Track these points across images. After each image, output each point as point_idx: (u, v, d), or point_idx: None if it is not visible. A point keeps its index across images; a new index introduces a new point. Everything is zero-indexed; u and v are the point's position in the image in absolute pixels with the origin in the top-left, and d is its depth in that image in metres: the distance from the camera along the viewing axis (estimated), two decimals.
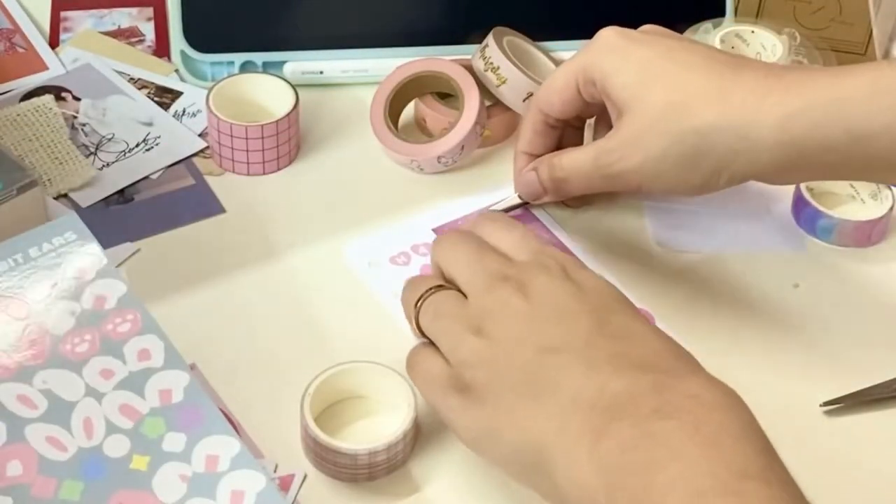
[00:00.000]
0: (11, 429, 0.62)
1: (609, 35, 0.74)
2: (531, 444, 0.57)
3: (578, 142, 0.82)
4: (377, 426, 0.70)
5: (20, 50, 0.96)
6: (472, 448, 0.61)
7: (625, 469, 0.53)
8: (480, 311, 0.61)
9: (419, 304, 0.64)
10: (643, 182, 0.72)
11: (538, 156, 0.79)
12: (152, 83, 0.93)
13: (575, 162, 0.75)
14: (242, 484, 0.62)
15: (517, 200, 0.82)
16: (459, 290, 0.64)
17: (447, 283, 0.65)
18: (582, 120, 0.81)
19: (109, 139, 0.88)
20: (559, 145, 0.80)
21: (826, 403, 0.73)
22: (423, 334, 0.65)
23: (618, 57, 0.73)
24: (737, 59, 0.71)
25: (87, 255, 0.68)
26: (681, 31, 0.94)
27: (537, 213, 0.84)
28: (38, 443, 0.61)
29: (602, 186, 0.76)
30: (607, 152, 0.73)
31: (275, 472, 0.68)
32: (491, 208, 0.83)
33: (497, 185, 0.86)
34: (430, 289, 0.65)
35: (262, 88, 0.88)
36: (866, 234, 0.82)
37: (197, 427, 0.64)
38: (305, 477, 0.68)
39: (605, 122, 0.78)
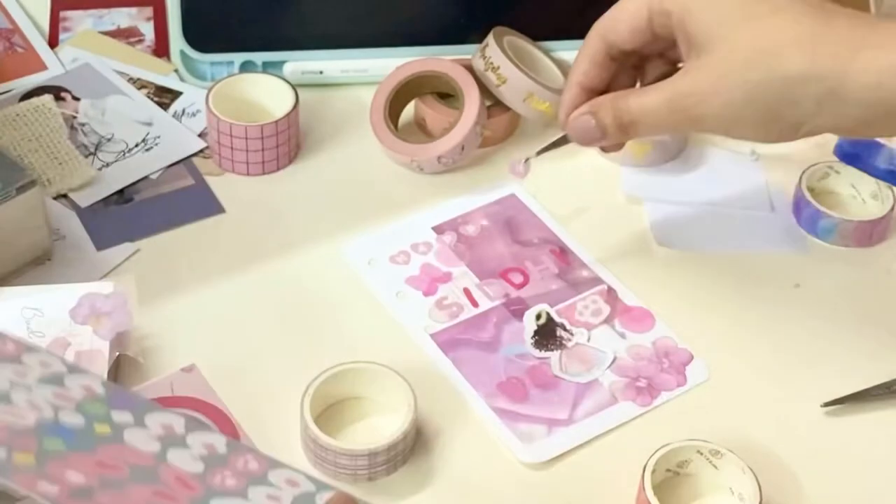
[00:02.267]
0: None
1: None
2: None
3: (631, 83, 0.75)
4: (377, 426, 0.70)
5: (19, 50, 0.95)
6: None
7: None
8: None
9: None
10: (718, 128, 0.68)
11: (592, 90, 0.73)
12: (152, 83, 0.93)
13: (646, 105, 0.69)
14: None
15: (556, 138, 0.77)
16: None
17: None
18: (641, 58, 0.74)
19: (109, 139, 0.88)
20: (611, 85, 0.74)
21: (827, 404, 0.72)
22: None
23: None
24: (826, 5, 0.67)
25: None
26: None
27: (538, 211, 0.84)
28: None
29: (673, 130, 0.74)
30: (684, 95, 0.68)
31: None
32: (537, 151, 0.79)
33: (497, 185, 0.86)
34: None
35: (262, 88, 0.88)
36: (867, 234, 0.82)
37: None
38: None
39: (662, 61, 0.74)
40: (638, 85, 0.75)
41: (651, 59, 0.74)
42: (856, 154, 0.84)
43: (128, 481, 0.56)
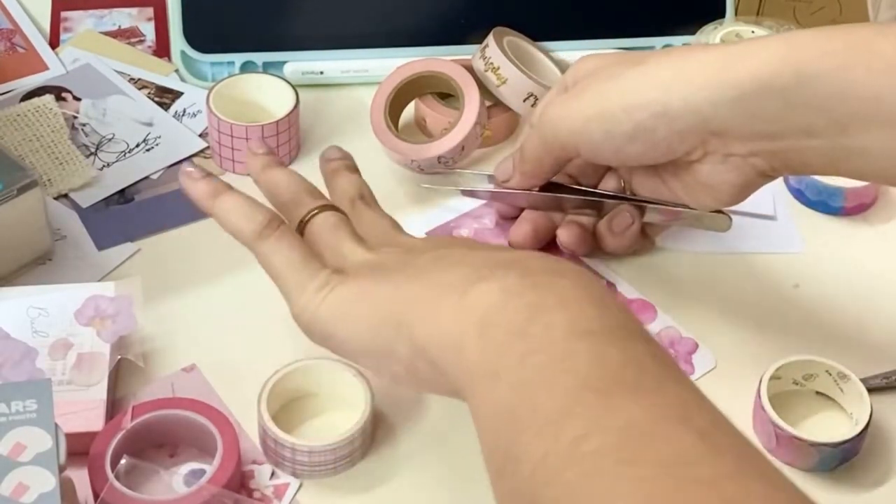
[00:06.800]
0: None
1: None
2: (396, 306, 0.57)
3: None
4: (332, 422, 0.70)
5: (20, 50, 0.96)
6: (323, 321, 0.61)
7: (505, 308, 0.52)
8: (377, 243, 0.65)
9: (318, 211, 0.66)
10: (576, 130, 0.71)
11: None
12: (152, 83, 0.93)
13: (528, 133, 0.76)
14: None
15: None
16: None
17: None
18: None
19: (110, 139, 0.88)
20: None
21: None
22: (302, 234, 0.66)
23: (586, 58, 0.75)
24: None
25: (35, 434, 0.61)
26: (682, 32, 0.95)
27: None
28: None
29: (544, 150, 0.74)
30: (549, 103, 0.73)
31: (270, 478, 0.68)
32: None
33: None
34: (335, 209, 0.67)
35: (262, 88, 0.88)
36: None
37: None
38: (301, 486, 0.68)
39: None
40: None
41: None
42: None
43: None
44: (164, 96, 0.92)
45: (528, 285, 0.53)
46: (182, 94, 0.92)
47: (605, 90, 0.70)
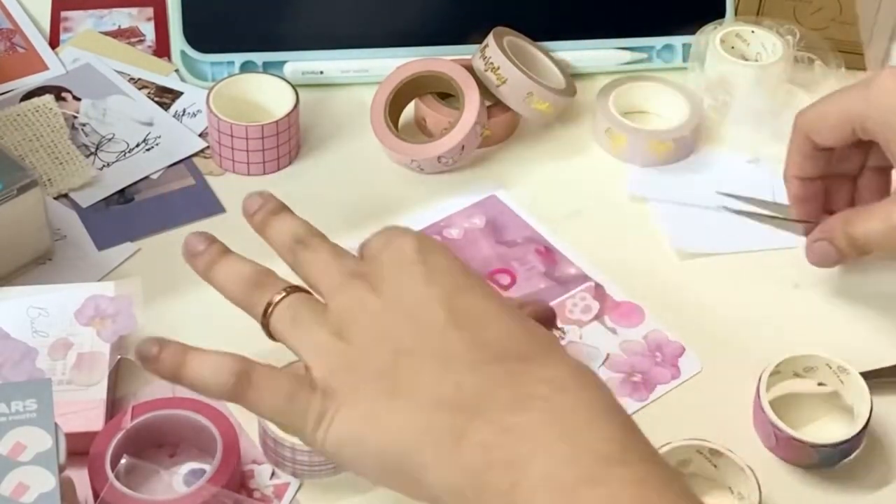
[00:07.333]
0: None
1: (893, 85, 0.71)
2: (396, 448, 0.56)
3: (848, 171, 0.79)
4: None
5: (20, 50, 0.96)
6: (334, 455, 0.58)
7: (490, 468, 0.52)
8: (338, 312, 0.59)
9: (272, 308, 0.61)
10: None
11: (808, 180, 0.77)
12: (152, 83, 0.93)
13: (870, 232, 0.73)
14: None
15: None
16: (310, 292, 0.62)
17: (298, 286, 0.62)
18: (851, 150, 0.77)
19: (109, 139, 0.88)
20: (829, 169, 0.77)
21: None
22: (272, 338, 0.62)
23: None
24: None
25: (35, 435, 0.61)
26: (682, 32, 0.95)
27: (520, 211, 0.84)
28: None
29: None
30: None
31: (270, 478, 0.68)
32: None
33: (497, 186, 0.86)
34: (284, 290, 0.61)
35: (262, 88, 0.88)
36: None
37: None
38: (301, 486, 0.68)
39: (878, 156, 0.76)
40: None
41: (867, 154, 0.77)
42: None
43: None
44: (164, 96, 0.92)
45: (501, 432, 0.53)
46: (182, 93, 0.92)
47: None
